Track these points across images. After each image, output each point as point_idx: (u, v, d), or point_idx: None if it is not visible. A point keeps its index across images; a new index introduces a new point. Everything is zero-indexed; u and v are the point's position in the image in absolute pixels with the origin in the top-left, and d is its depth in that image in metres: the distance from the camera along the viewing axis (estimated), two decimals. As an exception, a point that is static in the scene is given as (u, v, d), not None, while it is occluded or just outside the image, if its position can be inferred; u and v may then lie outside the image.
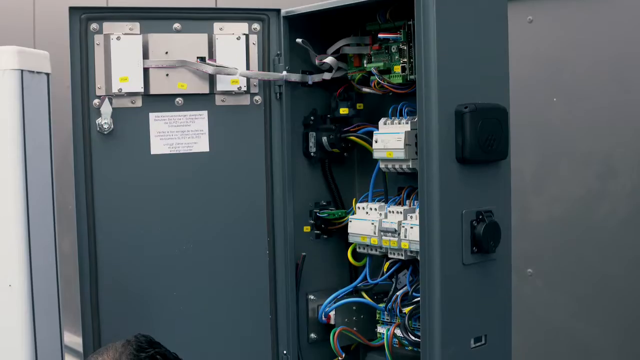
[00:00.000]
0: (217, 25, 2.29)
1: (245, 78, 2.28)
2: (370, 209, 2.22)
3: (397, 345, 2.21)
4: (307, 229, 2.38)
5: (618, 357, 2.99)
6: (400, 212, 2.14)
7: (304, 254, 2.32)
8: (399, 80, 2.15)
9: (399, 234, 2.12)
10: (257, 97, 2.32)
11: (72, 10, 2.18)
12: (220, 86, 2.28)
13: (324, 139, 2.34)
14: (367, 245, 2.23)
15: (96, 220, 2.24)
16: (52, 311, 3.11)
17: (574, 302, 3.10)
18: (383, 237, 2.16)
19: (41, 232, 3.04)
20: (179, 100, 2.28)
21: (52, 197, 3.07)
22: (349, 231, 2.27)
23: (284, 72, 2.29)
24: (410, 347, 2.16)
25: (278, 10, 2.32)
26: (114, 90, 2.21)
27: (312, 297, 2.37)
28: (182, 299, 2.29)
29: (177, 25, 2.26)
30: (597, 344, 3.05)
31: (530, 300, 3.15)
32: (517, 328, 2.23)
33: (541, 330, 3.17)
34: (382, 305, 2.26)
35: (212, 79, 2.28)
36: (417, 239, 2.01)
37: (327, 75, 2.33)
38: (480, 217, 1.99)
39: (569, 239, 3.08)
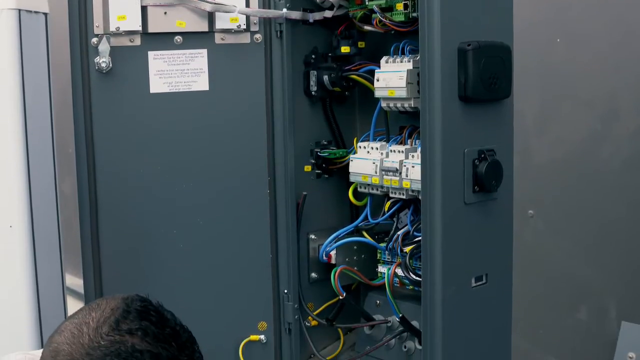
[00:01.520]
0: (215, -39, 2.26)
1: (245, 16, 2.25)
2: (372, 148, 2.21)
3: (397, 285, 2.21)
4: (307, 168, 2.36)
5: (618, 299, 3.00)
6: (402, 151, 2.12)
7: (304, 193, 2.31)
8: (401, 18, 2.12)
9: (400, 173, 2.11)
10: (257, 36, 2.29)
11: (69, -52, 2.15)
12: (219, 24, 2.25)
13: (325, 77, 2.32)
14: (368, 185, 2.22)
15: (96, 160, 2.24)
16: (53, 252, 3.12)
17: (574, 243, 3.10)
18: (384, 177, 2.15)
19: (41, 173, 3.04)
20: (178, 38, 2.25)
21: (51, 138, 3.06)
22: (350, 170, 2.26)
23: (285, 10, 2.25)
24: (411, 286, 2.17)
25: (279, -54, 2.28)
26: (112, 28, 2.18)
27: (312, 236, 2.36)
28: (183, 238, 2.30)
29: (174, -38, 2.23)
30: (598, 286, 3.06)
31: (531, 241, 3.15)
32: (517, 269, 2.23)
33: (541, 271, 3.18)
34: (383, 244, 2.26)
35: (211, 17, 2.25)
36: (419, 178, 2.00)
37: (328, 13, 2.29)
38: (482, 156, 1.98)
39: (571, 181, 3.08)
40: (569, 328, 3.15)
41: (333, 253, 2.30)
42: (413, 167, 2.07)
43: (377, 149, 2.19)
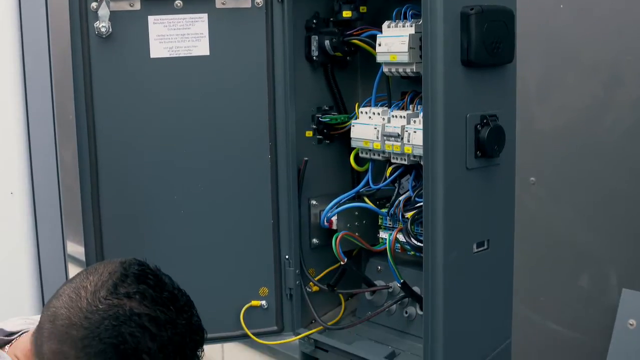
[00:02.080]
0: None
1: (246, -20, 2.24)
2: (373, 113, 2.19)
3: (399, 250, 2.21)
4: (309, 134, 2.35)
5: (619, 266, 3.00)
6: (404, 117, 2.11)
7: (305, 159, 2.30)
8: (404, -19, 2.10)
9: (402, 138, 2.10)
10: (258, 0, 2.27)
11: None
12: (220, -12, 2.24)
13: (327, 42, 2.30)
14: (370, 150, 2.21)
15: (96, 126, 2.23)
16: (54, 219, 3.13)
17: (576, 211, 3.10)
18: (386, 142, 2.14)
19: (41, 140, 3.04)
20: (178, 2, 2.23)
21: (51, 104, 3.05)
22: (351, 136, 2.24)
23: (286, -26, 2.24)
24: (412, 252, 2.16)
25: None
26: (112, -8, 2.17)
27: (314, 202, 2.36)
28: (183, 204, 2.29)
29: None
30: (599, 253, 3.06)
31: (532, 209, 3.15)
32: (518, 237, 2.23)
33: (542, 239, 3.18)
34: (384, 210, 2.25)
35: (211, -19, 2.23)
36: (421, 143, 1.99)
37: (329, -23, 2.28)
38: (485, 121, 1.97)
39: (573, 149, 3.07)
40: (570, 295, 3.15)
41: (334, 219, 2.30)
42: (415, 132, 2.06)
43: (378, 114, 2.18)
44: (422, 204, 2.01)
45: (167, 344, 1.60)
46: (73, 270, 3.06)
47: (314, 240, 2.37)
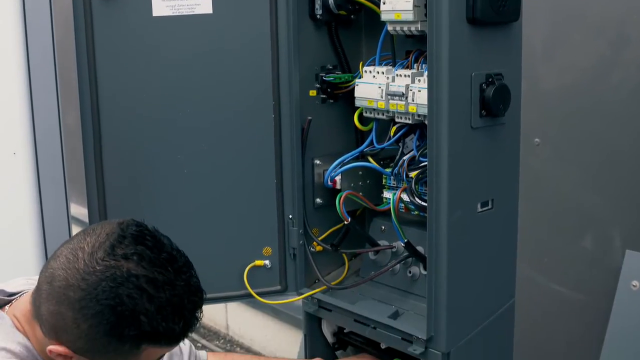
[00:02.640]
0: None
1: (249, -64, 2.21)
2: (378, 72, 2.17)
3: (403, 210, 2.20)
4: (313, 93, 2.32)
5: (623, 227, 3.00)
6: (408, 76, 2.09)
7: (309, 118, 2.28)
8: (408, -62, 2.07)
9: (406, 97, 2.08)
10: (261, -43, 2.25)
11: None
12: (223, -56, 2.21)
13: (331, 1, 2.26)
14: (374, 110, 2.19)
15: (99, 85, 2.21)
16: (57, 181, 3.13)
17: (580, 172, 3.09)
18: (390, 101, 2.12)
19: (44, 100, 3.03)
20: (181, -41, 2.21)
21: (54, 65, 3.04)
22: (355, 95, 2.22)
23: None
24: (416, 212, 2.16)
25: None
26: (113, -51, 2.14)
27: (317, 161, 2.34)
28: (187, 164, 2.28)
29: None
30: (603, 215, 3.05)
31: (536, 169, 3.14)
32: (522, 197, 2.22)
33: (547, 200, 3.17)
34: (388, 170, 2.24)
35: (215, -63, 2.21)
36: (425, 102, 1.97)
37: None
38: (490, 80, 1.95)
39: (578, 109, 3.05)
40: (573, 256, 3.16)
41: (338, 178, 2.29)
42: (419, 91, 2.04)
43: (383, 73, 2.16)
44: (426, 163, 2.00)
45: (165, 305, 1.61)
46: (76, 231, 3.07)
47: (318, 200, 2.36)
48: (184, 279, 1.65)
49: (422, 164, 2.10)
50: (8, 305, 1.79)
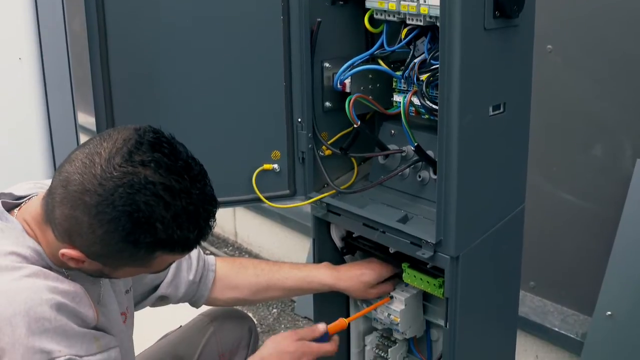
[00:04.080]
0: None
1: None
2: (389, -28, 2.12)
3: (413, 114, 2.18)
4: (322, -6, 2.28)
5: (634, 136, 2.97)
6: (420, -24, 2.05)
7: (319, 20, 2.23)
8: None
9: (418, -2, 2.04)
10: None
11: None
12: None
13: None
14: (385, 11, 2.14)
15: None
16: (64, 88, 3.10)
17: (593, 80, 3.05)
18: (401, 2, 2.07)
19: (49, 5, 2.98)
20: None
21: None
22: (366, -4, 2.18)
23: None
24: (426, 116, 2.13)
25: None
26: None
27: (327, 64, 2.30)
28: (195, 68, 2.25)
29: None
30: (614, 123, 3.03)
31: (548, 77, 3.10)
32: (534, 105, 2.20)
33: (558, 107, 3.15)
34: (398, 73, 2.20)
35: None
36: (437, 3, 1.92)
37: None
38: (504, -21, 1.90)
39: (591, 15, 3.00)
40: (583, 164, 3.14)
41: (347, 81, 2.25)
42: (431, -8, 2.00)
43: (394, -27, 2.11)
44: (437, 66, 1.97)
45: (180, 213, 1.61)
46: (84, 139, 3.07)
47: (327, 104, 2.33)
48: (199, 187, 1.65)
49: (434, 67, 2.06)
50: (17, 208, 1.79)
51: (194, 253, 2.26)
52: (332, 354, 2.24)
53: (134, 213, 1.57)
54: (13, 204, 1.80)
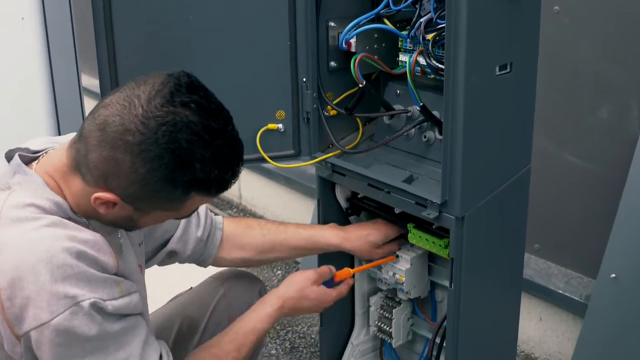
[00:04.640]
0: None
1: None
2: None
3: (419, 74, 2.16)
4: (327, -49, 2.25)
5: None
6: None
7: (324, -22, 2.22)
8: None
9: (425, -45, 2.01)
10: None
11: None
12: None
13: None
14: (391, -31, 2.12)
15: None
16: (67, 50, 3.09)
17: (600, 41, 3.03)
18: (408, -40, 2.06)
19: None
20: None
21: None
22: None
23: None
24: (432, 75, 2.12)
25: None
26: None
27: (332, 24, 2.27)
28: (199, 26, 2.23)
29: None
30: (621, 85, 3.01)
31: (555, 38, 3.08)
32: (540, 66, 2.18)
33: (565, 69, 3.12)
34: (404, 32, 2.18)
35: None
36: (444, -39, 1.91)
37: None
38: None
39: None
40: (589, 126, 3.13)
41: (353, 41, 2.23)
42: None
43: None
44: (444, 25, 1.95)
45: (218, 152, 1.67)
46: (88, 100, 3.05)
47: (332, 63, 2.31)
48: (230, 130, 1.72)
49: (440, 26, 2.04)
50: (35, 162, 1.80)
51: (202, 211, 2.28)
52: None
53: (177, 150, 1.62)
54: (30, 157, 1.82)
